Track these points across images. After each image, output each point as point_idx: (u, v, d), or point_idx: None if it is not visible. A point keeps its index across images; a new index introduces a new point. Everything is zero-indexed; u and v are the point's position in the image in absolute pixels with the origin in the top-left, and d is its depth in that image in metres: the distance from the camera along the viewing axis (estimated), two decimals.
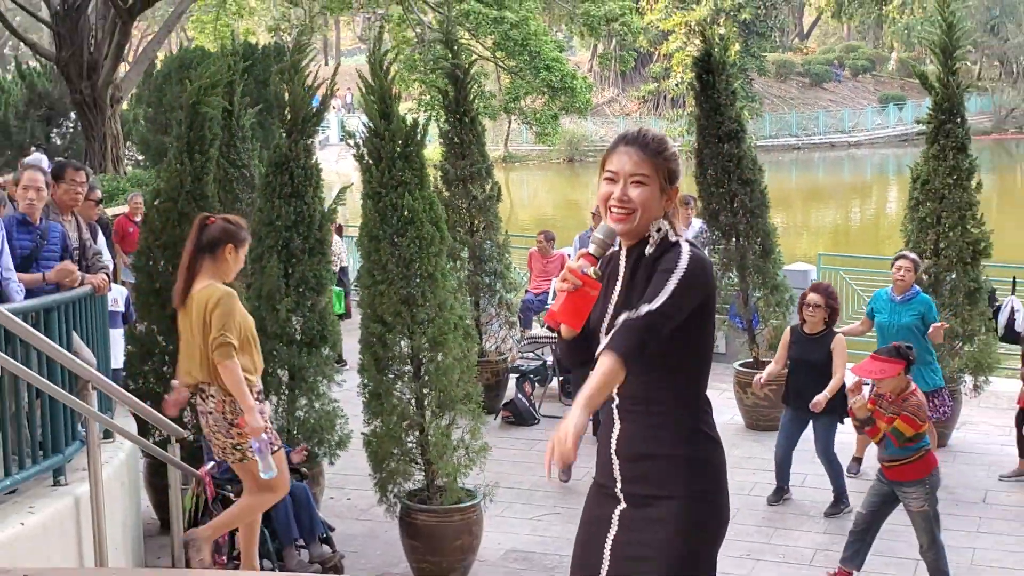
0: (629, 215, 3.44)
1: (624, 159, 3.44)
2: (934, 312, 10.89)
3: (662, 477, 3.47)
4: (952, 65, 12.34)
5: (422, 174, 9.27)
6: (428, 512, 9.06)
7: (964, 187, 12.12)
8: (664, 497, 3.47)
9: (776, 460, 10.57)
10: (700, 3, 61.35)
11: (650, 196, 3.43)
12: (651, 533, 3.44)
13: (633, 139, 3.47)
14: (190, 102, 10.32)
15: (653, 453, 3.48)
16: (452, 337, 9.22)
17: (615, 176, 3.44)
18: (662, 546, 3.44)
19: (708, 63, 13.46)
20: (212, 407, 7.58)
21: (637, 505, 3.47)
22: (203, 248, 7.46)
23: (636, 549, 3.44)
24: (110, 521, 7.48)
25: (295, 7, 27.46)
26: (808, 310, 10.20)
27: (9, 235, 7.75)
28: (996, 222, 13.04)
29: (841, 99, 69.74)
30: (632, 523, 3.46)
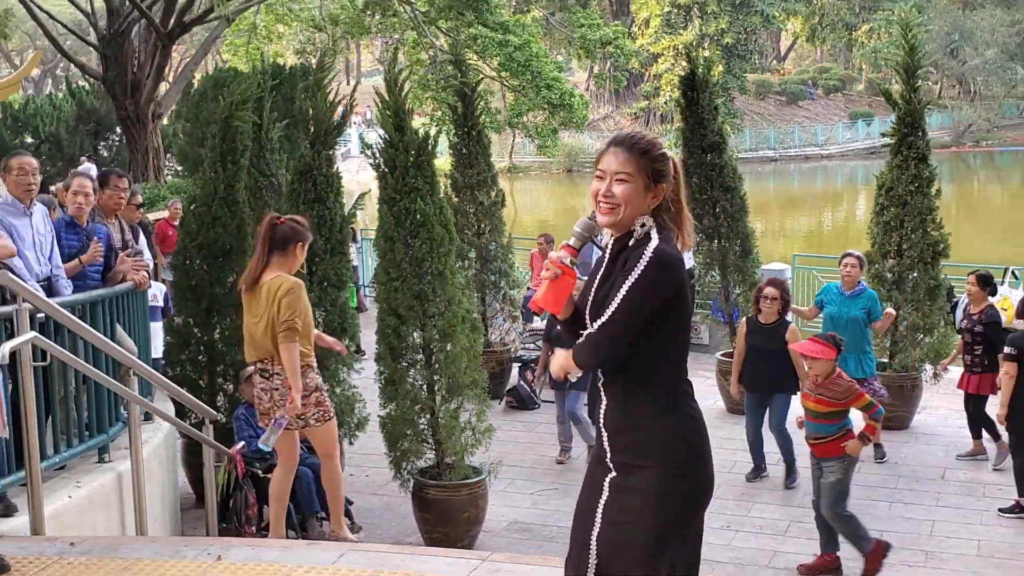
0: (613, 209, 3.46)
1: (611, 159, 3.46)
2: (878, 306, 10.91)
3: (644, 449, 3.48)
4: (914, 84, 12.32)
5: (433, 182, 9.26)
6: (438, 487, 9.06)
7: (925, 194, 12.10)
8: (645, 467, 3.47)
9: (749, 441, 10.59)
10: (687, 28, 61.42)
11: (633, 192, 3.44)
12: (634, 499, 3.45)
13: (621, 140, 3.49)
14: (223, 116, 10.32)
15: (635, 427, 3.48)
16: (460, 329, 9.22)
17: (603, 174, 3.47)
18: (644, 511, 3.44)
19: (693, 82, 13.47)
20: (278, 383, 7.48)
21: (624, 473, 3.48)
22: (275, 245, 7.43)
23: (623, 514, 3.45)
24: (149, 495, 7.48)
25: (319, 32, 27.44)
26: (766, 302, 10.25)
27: (58, 235, 7.74)
28: (954, 226, 13.03)
29: (814, 115, 69.65)
30: (619, 490, 3.47)
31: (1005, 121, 69.55)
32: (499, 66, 23.58)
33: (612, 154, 3.47)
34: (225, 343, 10.25)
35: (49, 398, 6.84)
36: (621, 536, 3.44)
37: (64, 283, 7.45)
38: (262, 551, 5.82)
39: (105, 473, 7.26)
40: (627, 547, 3.44)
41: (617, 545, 3.45)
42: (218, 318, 10.21)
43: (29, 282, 6.77)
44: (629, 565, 3.43)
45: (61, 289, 7.36)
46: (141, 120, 23.80)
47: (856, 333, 10.76)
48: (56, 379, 6.88)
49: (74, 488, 6.90)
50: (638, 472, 3.46)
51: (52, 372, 6.82)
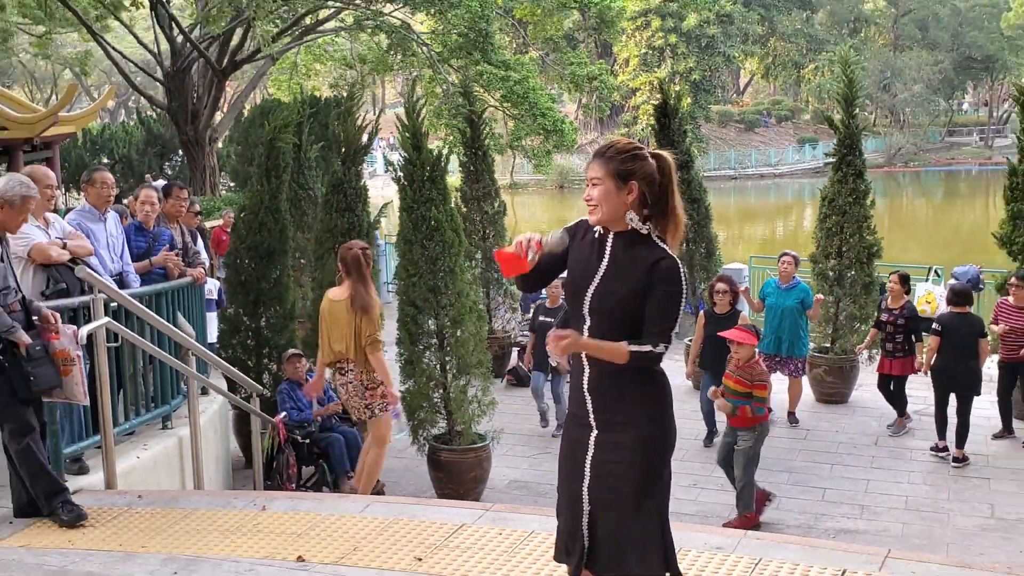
0: (595, 208, 3.49)
1: (590, 168, 3.53)
2: (810, 296, 10.94)
3: (625, 409, 3.46)
4: (852, 111, 12.29)
5: (445, 193, 9.25)
6: (449, 451, 9.05)
7: (861, 204, 12.07)
8: (628, 424, 3.46)
9: (703, 411, 10.63)
10: (660, 66, 61.32)
11: (605, 192, 3.46)
12: (621, 454, 3.44)
13: (596, 152, 3.54)
14: (268, 139, 10.31)
15: (619, 391, 3.47)
16: (468, 318, 9.21)
17: (588, 181, 3.49)
18: (630, 462, 3.44)
19: (665, 109, 13.48)
20: (351, 378, 7.74)
21: (606, 431, 3.45)
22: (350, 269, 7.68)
23: (610, 467, 3.44)
24: (205, 456, 7.48)
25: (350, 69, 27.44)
26: (718, 295, 10.29)
27: (128, 238, 7.75)
28: (887, 233, 13.04)
29: (768, 140, 69.58)
30: (605, 446, 3.45)
31: (929, 145, 69.58)
32: (501, 97, 23.57)
33: (591, 165, 3.52)
34: (270, 330, 10.24)
35: (120, 375, 6.86)
36: (609, 485, 3.43)
37: (133, 277, 7.46)
38: (299, 502, 5.82)
39: (168, 438, 7.28)
40: (616, 494, 3.42)
41: (607, 493, 3.44)
42: (264, 308, 10.19)
43: (104, 276, 6.77)
44: (619, 509, 3.42)
45: (130, 282, 7.37)
46: (199, 143, 23.77)
47: (792, 320, 10.81)
48: (126, 359, 6.90)
49: (141, 450, 6.91)
50: (620, 429, 3.45)
51: (123, 353, 6.83)
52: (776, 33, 70.74)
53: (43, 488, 5.44)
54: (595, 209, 3.49)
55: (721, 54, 63.51)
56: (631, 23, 58.64)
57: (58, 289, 6.29)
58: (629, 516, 3.43)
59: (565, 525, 3.57)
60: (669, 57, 62.35)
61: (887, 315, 10.68)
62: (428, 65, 24.74)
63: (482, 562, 4.68)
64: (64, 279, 6.33)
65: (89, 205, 7.32)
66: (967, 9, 70.22)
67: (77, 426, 6.35)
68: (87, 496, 5.89)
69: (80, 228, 7.07)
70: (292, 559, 4.82)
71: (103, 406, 6.12)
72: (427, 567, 4.65)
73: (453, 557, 4.76)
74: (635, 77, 62.09)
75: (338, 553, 4.88)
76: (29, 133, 16.34)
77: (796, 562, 4.55)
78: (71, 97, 17.61)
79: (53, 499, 5.45)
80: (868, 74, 62.44)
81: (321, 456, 9.04)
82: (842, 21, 71.80)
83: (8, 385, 5.26)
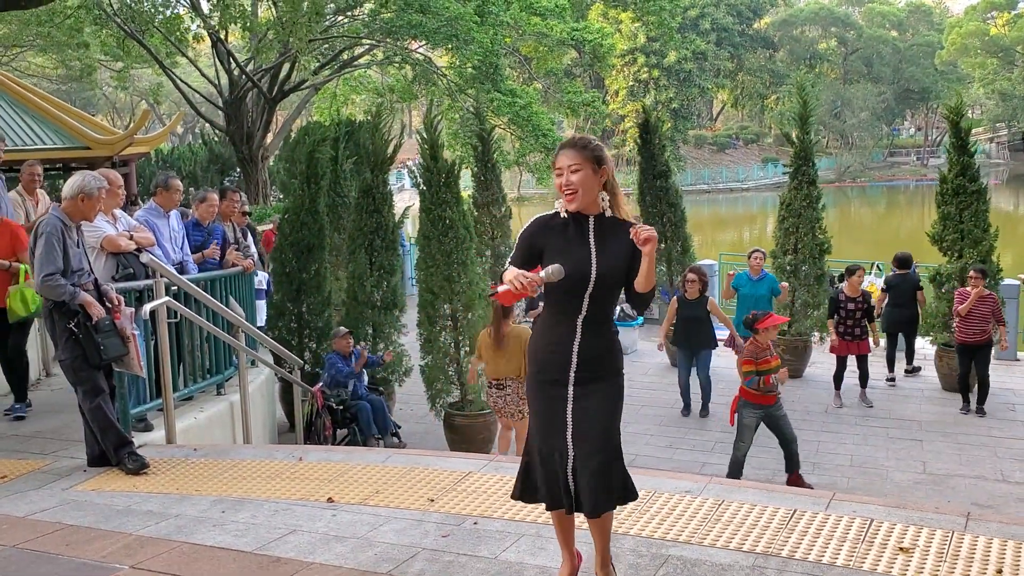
0: (575, 194, 3.32)
1: (564, 158, 3.33)
2: (777, 285, 10.85)
3: (603, 365, 3.39)
4: (807, 129, 12.20)
5: (458, 197, 9.21)
6: (462, 416, 9.03)
7: (813, 208, 11.98)
8: (602, 378, 3.38)
9: (680, 385, 10.50)
10: (645, 96, 61.14)
11: (585, 177, 3.32)
12: (598, 401, 3.35)
13: (567, 143, 3.38)
14: (308, 152, 10.30)
15: (599, 351, 3.38)
16: (478, 303, 9.17)
17: (561, 171, 3.35)
18: (606, 410, 3.37)
19: (647, 126, 13.41)
20: (509, 392, 8.01)
21: (583, 384, 3.36)
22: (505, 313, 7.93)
23: (589, 413, 3.36)
24: (253, 419, 7.46)
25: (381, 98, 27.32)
26: (689, 284, 10.25)
27: (188, 233, 7.72)
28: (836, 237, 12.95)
29: (737, 160, 69.28)
30: (582, 397, 3.36)
31: (874, 164, 69.18)
32: (509, 120, 23.50)
33: (563, 155, 3.33)
34: (310, 314, 10.22)
35: (180, 348, 6.82)
36: (588, 429, 3.36)
37: (192, 266, 7.42)
38: (331, 454, 5.78)
39: (221, 402, 7.25)
40: (595, 435, 3.35)
41: (587, 436, 3.36)
42: (304, 296, 10.18)
43: (166, 264, 6.74)
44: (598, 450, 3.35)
45: (189, 270, 7.33)
46: (254, 161, 23.74)
47: (763, 306, 10.69)
48: (185, 334, 6.87)
49: (198, 412, 6.89)
50: (595, 383, 3.37)
51: (182, 330, 6.80)
52: (744, 68, 70.61)
53: (112, 441, 5.41)
54: (574, 196, 3.31)
55: (697, 86, 63.49)
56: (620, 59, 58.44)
57: (126, 274, 6.27)
58: (607, 455, 3.37)
59: (547, 475, 3.43)
60: (652, 88, 62.28)
61: (853, 304, 10.51)
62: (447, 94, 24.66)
63: (485, 503, 4.63)
64: (131, 265, 6.30)
65: (156, 205, 7.29)
66: (906, 48, 69.95)
67: (142, 391, 6.31)
68: (150, 449, 5.85)
69: (147, 223, 7.05)
70: (323, 500, 4.78)
71: (164, 373, 6.09)
72: (438, 506, 4.60)
73: (461, 498, 4.71)
74: (624, 106, 62.01)
75: (362, 495, 4.83)
76: (109, 152, 16.35)
77: (754, 503, 4.49)
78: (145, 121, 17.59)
79: (120, 450, 5.42)
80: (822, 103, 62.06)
81: (352, 420, 9.01)
82: (800, 58, 71.47)
83: (83, 353, 5.24)
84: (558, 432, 3.38)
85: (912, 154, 73.62)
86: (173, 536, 4.30)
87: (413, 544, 4.10)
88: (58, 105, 17.28)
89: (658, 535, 4.13)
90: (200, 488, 5.08)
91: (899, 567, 3.74)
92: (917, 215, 47.85)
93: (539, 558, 3.89)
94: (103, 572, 3.89)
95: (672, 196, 13.27)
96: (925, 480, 8.16)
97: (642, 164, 13.45)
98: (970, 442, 9.13)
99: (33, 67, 35.68)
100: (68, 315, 5.18)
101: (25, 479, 5.35)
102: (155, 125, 45.17)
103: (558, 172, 3.35)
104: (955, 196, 11.04)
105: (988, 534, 4.04)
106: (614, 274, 3.32)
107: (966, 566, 3.74)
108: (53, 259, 5.08)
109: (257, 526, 4.41)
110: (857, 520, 4.23)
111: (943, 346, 11.10)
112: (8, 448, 6.08)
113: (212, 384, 7.30)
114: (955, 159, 11.11)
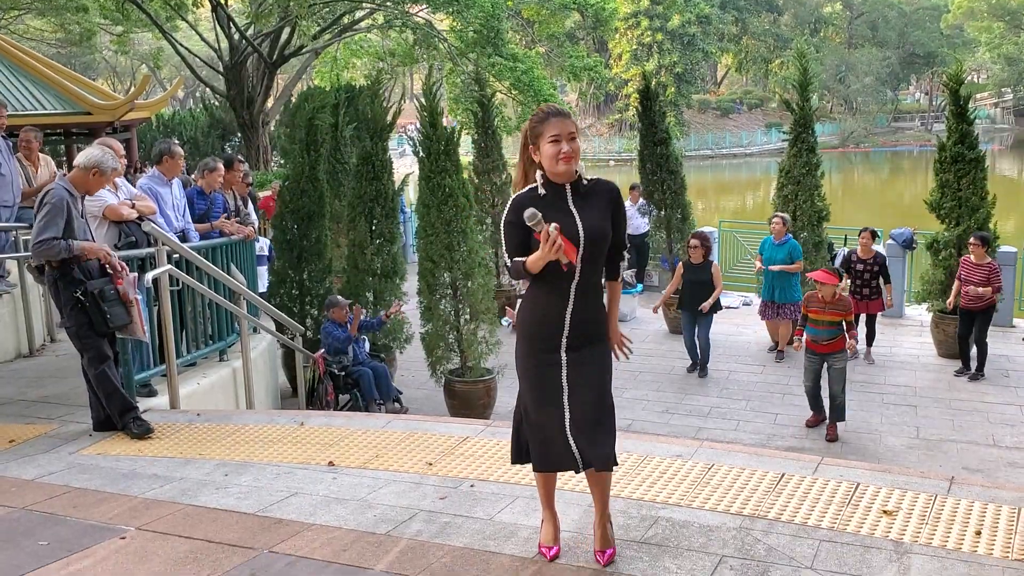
0: (574, 158, 3.36)
1: (561, 125, 3.33)
2: (799, 251, 10.95)
3: (595, 330, 3.46)
4: (806, 96, 12.20)
5: (458, 165, 9.25)
6: (462, 382, 9.14)
7: (813, 175, 12.03)
8: (593, 343, 3.46)
9: (686, 344, 10.75)
10: (649, 60, 60.71)
11: (578, 144, 3.41)
12: (591, 365, 3.43)
13: (558, 112, 3.39)
14: (307, 118, 10.31)
15: (592, 317, 3.45)
16: (478, 271, 9.26)
17: (558, 138, 3.35)
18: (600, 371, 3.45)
19: (648, 93, 13.38)
20: None
21: (576, 350, 3.43)
22: None
23: (584, 376, 3.43)
24: (255, 385, 7.57)
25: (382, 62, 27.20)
26: (692, 250, 10.52)
27: (191, 201, 7.79)
28: (840, 202, 12.99)
29: (740, 125, 68.87)
30: (576, 362, 3.42)
31: (877, 129, 68.74)
32: (510, 86, 23.41)
33: (560, 123, 3.34)
34: (311, 281, 10.30)
35: (183, 315, 6.92)
36: (585, 392, 3.43)
37: (193, 234, 7.50)
38: (332, 419, 5.89)
39: (224, 368, 7.36)
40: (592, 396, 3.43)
41: (584, 398, 3.43)
42: (305, 263, 10.25)
43: (168, 233, 6.82)
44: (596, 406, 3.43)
45: (191, 238, 7.41)
46: (254, 126, 23.71)
47: (782, 271, 10.84)
48: (188, 302, 6.96)
49: (201, 378, 7.00)
50: (588, 347, 3.43)
51: (184, 297, 6.90)
52: (748, 32, 70.03)
53: (117, 406, 5.53)
54: (575, 158, 3.35)
55: (701, 50, 62.94)
56: (623, 23, 58.08)
57: (128, 242, 6.35)
58: (602, 413, 3.46)
59: (546, 439, 3.49)
60: (656, 53, 61.74)
61: (861, 265, 10.80)
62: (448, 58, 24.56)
63: (482, 466, 4.74)
64: (133, 234, 6.38)
65: (159, 172, 7.35)
66: (912, 11, 69.34)
67: (146, 357, 6.43)
68: (154, 414, 5.97)
69: (150, 191, 7.12)
70: (324, 464, 4.90)
71: (167, 339, 6.19)
72: (436, 470, 4.71)
73: (458, 462, 4.83)
74: (627, 70, 61.59)
75: (363, 459, 4.95)
76: (111, 118, 16.38)
77: (743, 467, 4.60)
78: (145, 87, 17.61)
79: (125, 415, 5.54)
80: (826, 68, 61.82)
81: (354, 385, 9.13)
82: (804, 22, 70.86)
83: (88, 321, 5.34)
84: (554, 399, 3.45)
85: (916, 119, 73.21)
86: (177, 499, 4.43)
87: (411, 506, 4.23)
88: (58, 70, 17.28)
89: (648, 497, 4.25)
90: (204, 452, 5.20)
91: (882, 529, 3.86)
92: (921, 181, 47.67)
93: (532, 519, 4.01)
94: (111, 533, 4.02)
95: (672, 163, 13.29)
96: (918, 445, 8.28)
97: (642, 131, 13.45)
98: (963, 408, 9.25)
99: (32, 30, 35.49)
100: (74, 284, 5.28)
101: (32, 443, 5.48)
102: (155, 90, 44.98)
103: (554, 139, 3.35)
104: (953, 164, 11.06)
105: (970, 497, 4.16)
106: (600, 232, 3.39)
107: (947, 528, 3.85)
108: (53, 226, 5.15)
109: (259, 489, 4.54)
110: (844, 484, 4.34)
111: (939, 313, 11.18)
112: (15, 413, 6.21)
113: (215, 350, 7.41)
114: (954, 126, 11.12)
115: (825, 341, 8.27)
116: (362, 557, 3.69)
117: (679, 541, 3.78)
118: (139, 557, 3.77)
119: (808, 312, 8.32)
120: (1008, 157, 58.38)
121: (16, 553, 3.84)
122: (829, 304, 8.19)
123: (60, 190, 5.21)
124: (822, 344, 8.31)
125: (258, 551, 3.78)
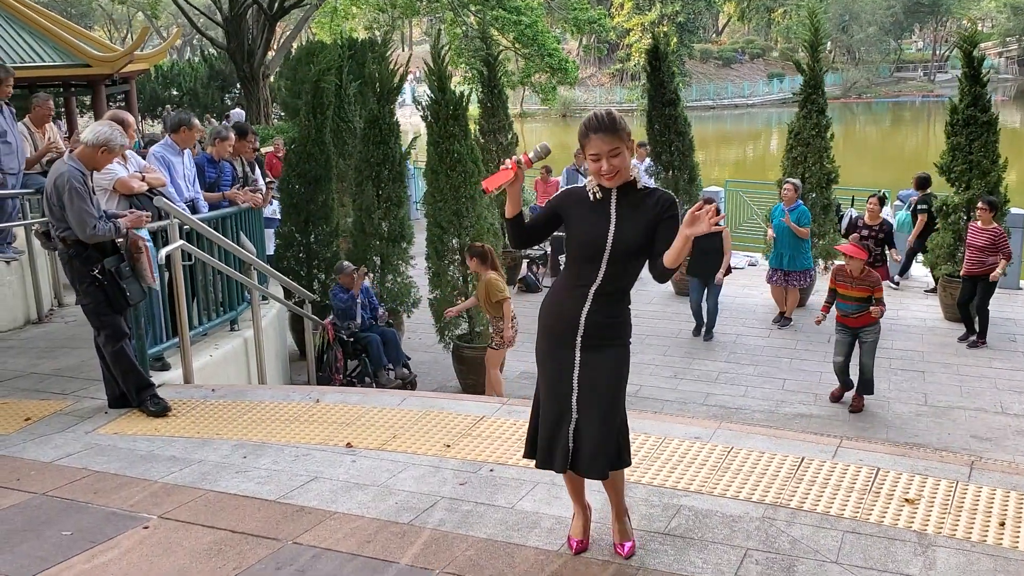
0: (617, 175, 3.26)
1: (600, 143, 3.21)
2: (808, 217, 10.83)
3: (612, 333, 3.39)
4: (817, 56, 12.02)
5: (466, 129, 9.13)
6: (470, 348, 9.11)
7: (822, 137, 11.91)
8: (610, 345, 3.40)
9: (693, 310, 10.78)
10: (651, 10, 59.93)
11: (624, 158, 3.27)
12: (605, 368, 3.38)
13: (597, 127, 3.22)
14: (313, 81, 10.15)
15: (611, 320, 3.39)
16: (486, 236, 9.17)
17: (598, 156, 3.24)
18: (613, 373, 3.40)
19: (656, 54, 13.16)
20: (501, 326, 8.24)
21: (591, 350, 3.37)
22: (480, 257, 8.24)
23: (595, 380, 3.39)
24: (267, 353, 7.54)
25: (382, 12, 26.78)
26: None
27: (201, 169, 7.69)
28: (842, 158, 12.83)
29: (742, 75, 68.09)
30: (590, 362, 3.37)
31: (880, 80, 68.07)
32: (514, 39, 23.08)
33: (600, 139, 3.22)
34: (318, 244, 10.23)
35: (194, 285, 6.87)
36: (594, 397, 3.39)
37: (203, 203, 7.41)
38: (348, 396, 5.87)
39: (235, 338, 7.32)
40: (602, 403, 3.40)
41: (592, 403, 3.40)
42: (312, 227, 10.17)
43: (178, 203, 6.74)
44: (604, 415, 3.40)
45: (200, 208, 7.33)
46: (254, 79, 23.42)
47: (792, 237, 10.74)
48: (199, 271, 6.90)
49: (213, 349, 6.96)
50: (603, 348, 3.38)
51: (195, 266, 6.83)
52: None
53: (133, 383, 5.50)
54: (617, 176, 3.27)
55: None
56: None
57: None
58: (610, 424, 3.41)
59: (547, 433, 3.47)
60: (658, 1, 60.86)
61: (868, 231, 10.74)
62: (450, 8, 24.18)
63: (499, 448, 4.73)
64: (144, 207, 6.28)
65: (172, 142, 7.24)
66: None
67: (159, 330, 6.38)
68: (169, 389, 5.95)
69: (163, 160, 7.03)
70: (342, 445, 4.88)
71: (180, 313, 6.14)
72: (454, 452, 4.70)
73: (476, 443, 4.81)
74: (629, 19, 60.77)
75: (380, 440, 4.93)
76: (110, 70, 16.12)
77: (762, 450, 4.58)
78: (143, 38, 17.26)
79: (142, 393, 5.51)
80: (829, 17, 60.94)
81: (363, 351, 9.12)
82: None
83: (105, 298, 5.29)
84: (564, 395, 3.43)
85: (919, 69, 72.41)
86: (198, 484, 4.41)
87: (432, 492, 4.21)
88: (56, 21, 16.95)
89: (669, 484, 4.23)
90: (220, 432, 5.18)
91: (905, 519, 3.85)
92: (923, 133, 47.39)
93: (555, 508, 4.00)
94: (134, 522, 4.00)
95: (680, 124, 13.12)
96: (926, 412, 8.28)
97: (651, 92, 13.25)
98: (971, 374, 9.24)
99: None
100: (90, 262, 5.21)
101: (48, 421, 5.45)
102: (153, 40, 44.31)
103: (594, 157, 3.26)
104: (965, 127, 10.93)
105: (991, 484, 4.14)
106: (630, 246, 3.31)
107: (970, 518, 3.84)
108: (90, 210, 5.09)
109: (279, 472, 4.52)
110: (864, 469, 4.32)
111: (947, 276, 11.13)
112: (29, 387, 6.18)
113: (226, 321, 7.37)
114: (967, 88, 10.96)
115: (855, 315, 8.19)
116: (386, 550, 3.67)
117: (703, 533, 3.76)
118: (163, 548, 3.75)
119: (836, 287, 8.21)
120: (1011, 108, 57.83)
121: (40, 544, 3.82)
122: (857, 280, 8.06)
123: (73, 171, 5.10)
124: (852, 318, 8.22)
125: (282, 542, 3.77)
